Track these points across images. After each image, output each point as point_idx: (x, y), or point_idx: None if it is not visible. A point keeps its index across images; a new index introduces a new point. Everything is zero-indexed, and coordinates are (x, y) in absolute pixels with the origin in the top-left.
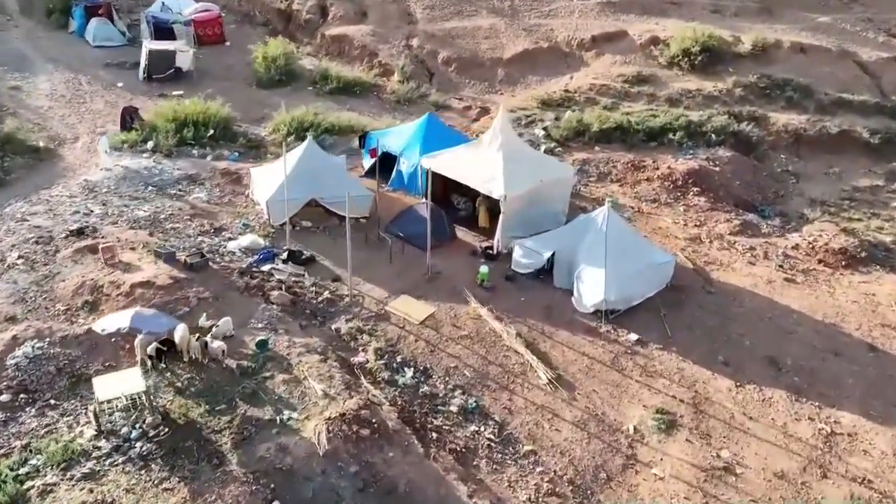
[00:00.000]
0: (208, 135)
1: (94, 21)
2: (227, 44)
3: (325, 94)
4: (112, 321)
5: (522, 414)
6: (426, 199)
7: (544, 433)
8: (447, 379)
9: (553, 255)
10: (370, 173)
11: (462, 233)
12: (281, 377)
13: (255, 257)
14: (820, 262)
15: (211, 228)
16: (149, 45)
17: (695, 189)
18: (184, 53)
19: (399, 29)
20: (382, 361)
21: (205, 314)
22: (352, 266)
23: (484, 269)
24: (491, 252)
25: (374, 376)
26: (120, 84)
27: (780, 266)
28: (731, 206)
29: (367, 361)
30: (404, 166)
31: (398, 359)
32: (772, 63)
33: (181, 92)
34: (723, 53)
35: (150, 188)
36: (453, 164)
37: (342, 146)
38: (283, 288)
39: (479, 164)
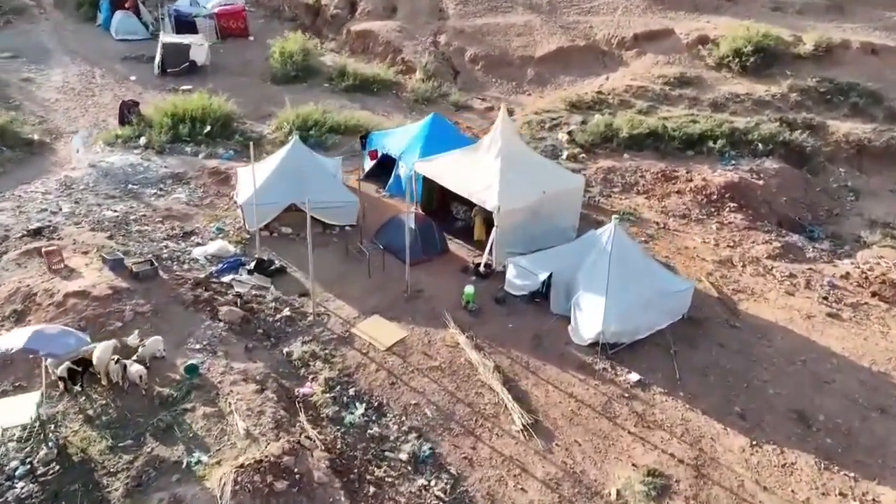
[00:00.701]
0: (205, 131)
1: (117, 14)
2: (251, 38)
3: (340, 91)
4: (3, 341)
5: (485, 467)
6: (415, 207)
7: (507, 493)
8: (403, 419)
9: (550, 276)
10: (370, 176)
11: (456, 246)
12: (203, 410)
13: (219, 266)
14: (874, 294)
15: (181, 232)
16: (163, 38)
17: (732, 204)
18: (199, 47)
19: (428, 25)
20: (331, 394)
21: (137, 331)
22: (325, 280)
23: (469, 289)
24: (484, 269)
25: (318, 412)
26: (133, 78)
27: (824, 298)
28: (774, 224)
29: (314, 394)
30: (403, 171)
31: (351, 391)
32: (836, 65)
33: (190, 86)
34: (779, 54)
35: (130, 186)
36: (447, 169)
37: (346, 146)
38: (239, 303)
39: (475, 170)
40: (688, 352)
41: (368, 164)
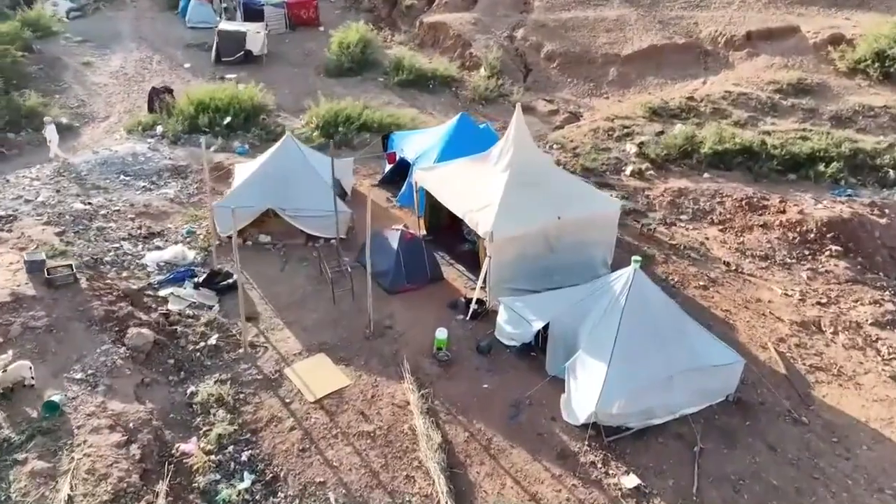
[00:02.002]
0: (224, 122)
1: (192, 1)
2: (321, 28)
3: (393, 86)
4: None
5: None
6: (420, 222)
7: None
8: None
9: (547, 326)
10: (386, 182)
11: (456, 274)
12: (34, 465)
13: (165, 276)
14: None
15: (146, 232)
16: (219, 26)
17: (834, 247)
18: (255, 36)
19: (507, 18)
20: (219, 456)
21: (11, 351)
22: (281, 303)
23: (442, 333)
24: (476, 307)
25: (191, 480)
26: (187, 65)
27: None
28: (893, 279)
29: (192, 455)
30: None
31: (245, 455)
32: None
33: (235, 75)
34: None
35: (122, 177)
36: (447, 181)
37: (374, 146)
38: (161, 324)
39: (477, 184)
40: (720, 452)
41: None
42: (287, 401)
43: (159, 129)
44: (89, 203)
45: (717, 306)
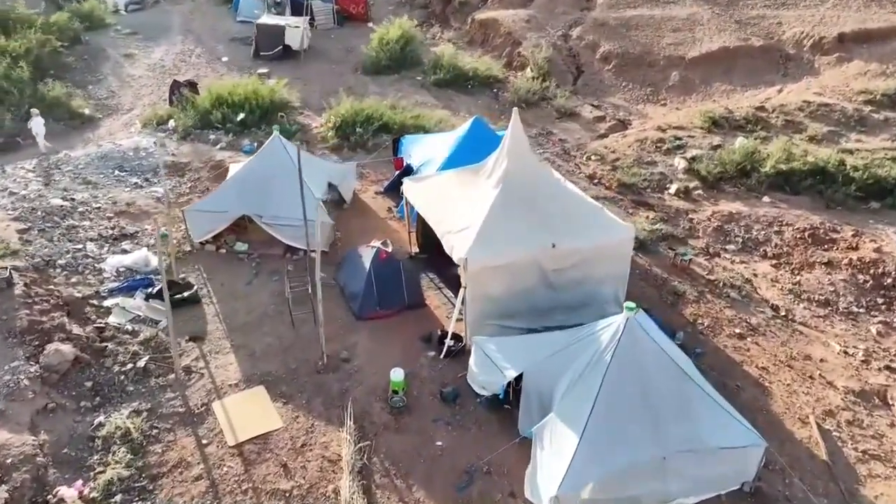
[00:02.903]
0: (238, 119)
1: None
2: (370, 24)
3: (429, 85)
4: None
5: None
6: (412, 238)
7: None
8: None
9: (520, 378)
10: (392, 190)
11: (443, 300)
12: None
13: (119, 284)
14: None
15: (118, 234)
16: (259, 20)
17: None
18: (293, 30)
19: (565, 15)
20: None
21: None
22: (236, 323)
23: (397, 374)
24: (451, 343)
25: None
26: (225, 59)
27: None
28: None
29: (73, 502)
30: None
31: None
32: None
33: (266, 70)
34: None
35: (117, 173)
36: (434, 194)
37: (387, 150)
38: (90, 339)
39: (465, 200)
40: None
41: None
42: (204, 442)
43: (172, 123)
44: (72, 199)
45: (753, 362)
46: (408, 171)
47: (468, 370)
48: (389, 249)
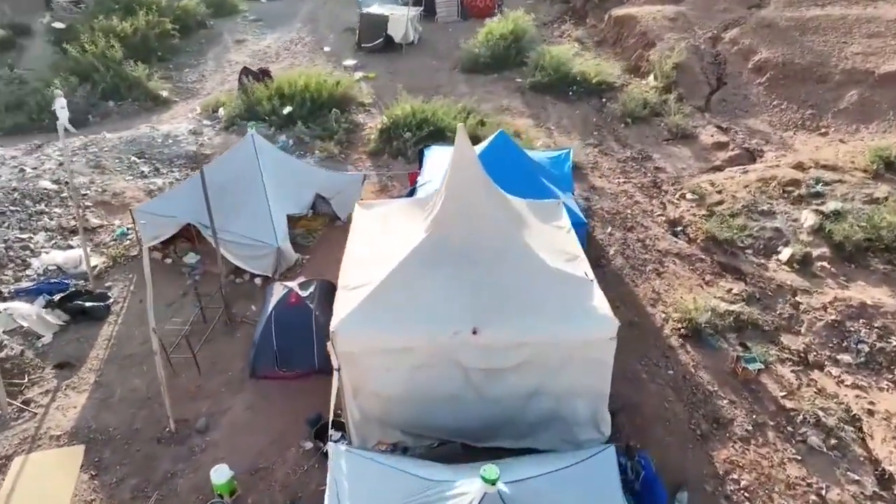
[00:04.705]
0: (284, 111)
1: None
2: (497, 18)
3: (525, 88)
4: None
5: None
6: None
7: None
8: None
9: None
10: None
11: None
12: None
13: (29, 285)
14: None
15: (78, 227)
16: (364, 8)
17: None
18: (397, 21)
19: (725, 13)
20: None
21: None
22: (114, 353)
23: (220, 475)
24: (336, 435)
25: None
26: (327, 49)
27: None
28: None
29: None
30: None
31: None
32: None
33: (354, 62)
34: None
35: (133, 159)
36: (372, 229)
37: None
38: None
39: (390, 244)
40: None
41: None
42: None
43: (221, 111)
44: (65, 183)
45: None
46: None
47: (328, 484)
48: (305, 293)
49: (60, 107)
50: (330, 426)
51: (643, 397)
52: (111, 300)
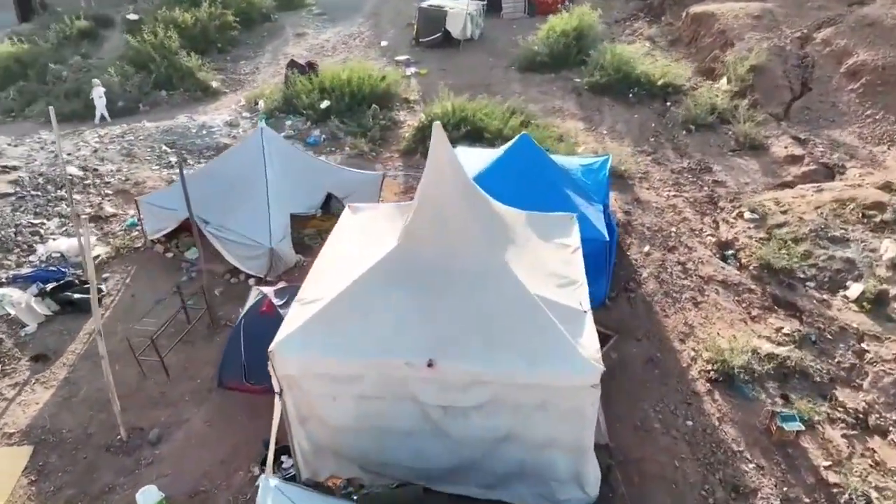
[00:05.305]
0: (322, 106)
1: None
2: (564, 13)
3: (583, 88)
4: None
5: None
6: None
7: None
8: None
9: None
10: None
11: None
12: None
13: (28, 271)
14: None
15: (94, 214)
16: (423, 2)
17: None
18: (456, 15)
19: (820, 10)
20: None
21: None
22: (94, 349)
23: (148, 497)
24: (285, 464)
25: None
26: (384, 43)
27: None
28: None
29: None
30: None
31: None
32: None
33: (407, 57)
34: None
35: (164, 148)
36: (356, 233)
37: None
38: None
39: (360, 254)
40: None
41: None
42: None
43: (261, 103)
44: (94, 170)
45: None
46: None
47: None
48: (280, 301)
49: (98, 96)
50: (271, 455)
51: (649, 451)
52: (103, 293)
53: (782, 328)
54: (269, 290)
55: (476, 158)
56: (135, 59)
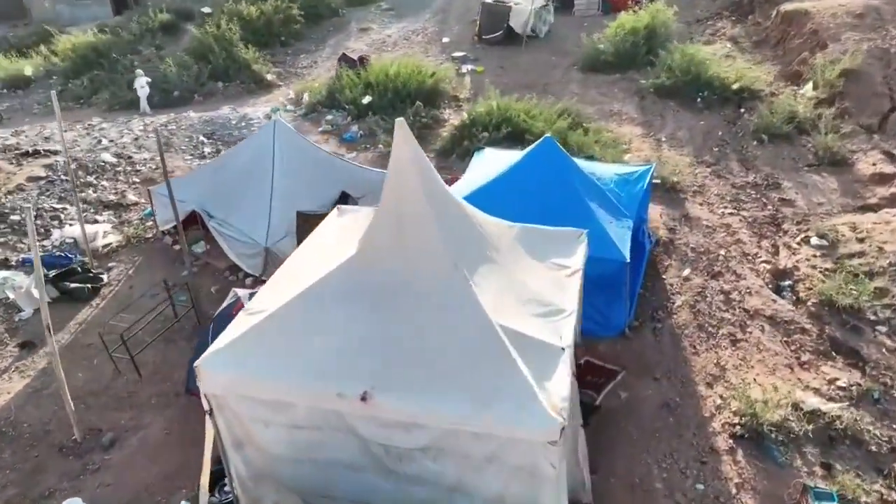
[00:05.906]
0: (364, 101)
1: None
2: (639, 11)
3: (647, 91)
4: None
5: None
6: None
7: None
8: None
9: None
10: None
11: None
12: None
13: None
14: None
15: (118, 201)
16: None
17: None
18: (520, 11)
19: None
20: None
21: None
22: (72, 339)
23: None
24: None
25: None
26: (446, 39)
27: None
28: None
29: None
30: None
31: None
32: None
33: (463, 53)
34: None
35: (201, 139)
36: (331, 238)
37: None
38: None
39: (324, 264)
40: None
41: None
42: None
43: (306, 97)
44: (129, 157)
45: None
46: None
47: None
48: None
49: (140, 86)
50: (206, 479)
51: None
52: (103, 282)
53: (837, 380)
54: (243, 293)
55: (497, 161)
56: (196, 50)
